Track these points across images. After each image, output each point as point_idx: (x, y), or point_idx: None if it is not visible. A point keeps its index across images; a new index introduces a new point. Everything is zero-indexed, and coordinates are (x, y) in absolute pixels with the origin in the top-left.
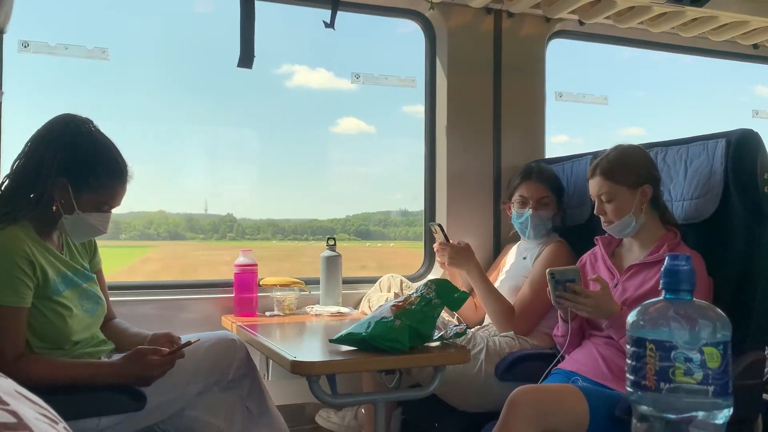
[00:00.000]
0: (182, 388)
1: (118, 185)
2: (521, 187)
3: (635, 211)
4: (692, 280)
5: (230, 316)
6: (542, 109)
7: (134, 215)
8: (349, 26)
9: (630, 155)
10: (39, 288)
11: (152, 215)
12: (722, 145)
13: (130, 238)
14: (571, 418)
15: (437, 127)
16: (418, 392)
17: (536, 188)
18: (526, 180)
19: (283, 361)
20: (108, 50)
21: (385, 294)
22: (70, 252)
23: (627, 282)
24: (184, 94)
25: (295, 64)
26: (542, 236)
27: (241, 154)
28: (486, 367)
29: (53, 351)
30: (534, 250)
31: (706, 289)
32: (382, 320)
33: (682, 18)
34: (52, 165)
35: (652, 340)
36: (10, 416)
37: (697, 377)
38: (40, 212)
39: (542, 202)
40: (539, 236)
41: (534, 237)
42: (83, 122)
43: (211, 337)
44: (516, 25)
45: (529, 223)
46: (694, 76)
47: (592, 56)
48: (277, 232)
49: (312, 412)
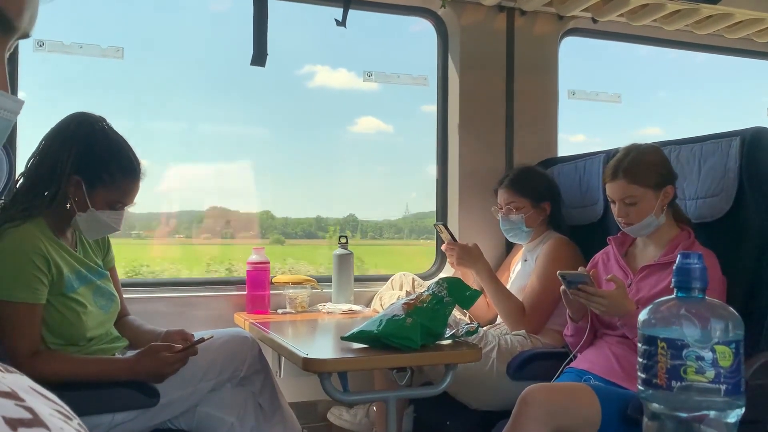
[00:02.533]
0: (195, 385)
1: (131, 183)
2: (497, 194)
3: (657, 211)
4: (704, 279)
5: (243, 313)
6: (555, 107)
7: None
8: (369, 26)
9: (650, 155)
10: (54, 285)
11: (259, 215)
12: (736, 144)
13: (294, 236)
14: (583, 417)
15: (449, 126)
16: (429, 390)
17: (504, 195)
18: (498, 187)
19: (295, 359)
20: (123, 49)
21: (397, 292)
22: (84, 249)
23: (641, 282)
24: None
25: (317, 64)
26: (525, 238)
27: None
28: (498, 365)
29: (68, 347)
30: (535, 251)
31: (720, 288)
32: (394, 318)
33: (697, 15)
34: (66, 163)
35: (663, 339)
36: (26, 412)
37: (709, 376)
38: (54, 210)
39: (510, 208)
40: (522, 238)
41: (518, 240)
42: (97, 120)
43: (223, 334)
44: (529, 22)
45: (503, 228)
46: (710, 75)
47: (606, 54)
48: (396, 232)
49: (324, 410)
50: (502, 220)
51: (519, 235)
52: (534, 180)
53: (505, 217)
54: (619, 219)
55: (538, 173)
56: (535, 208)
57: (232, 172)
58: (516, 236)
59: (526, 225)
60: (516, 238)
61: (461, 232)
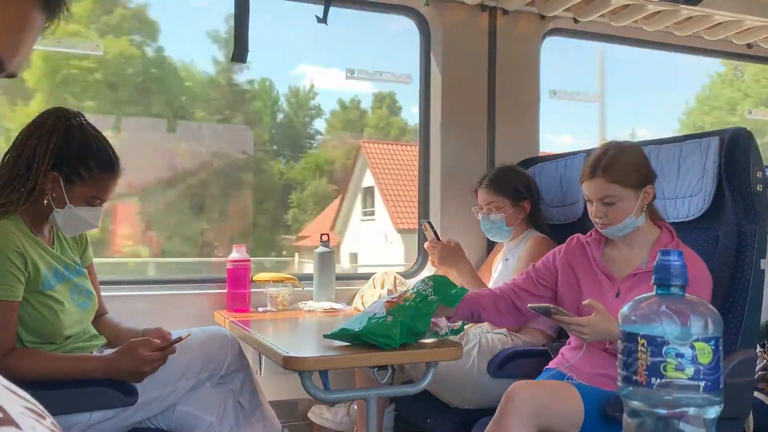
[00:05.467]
0: (174, 384)
1: (109, 178)
2: (477, 194)
3: (636, 212)
4: (684, 276)
5: (223, 311)
6: (536, 106)
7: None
8: (356, 26)
9: (630, 153)
10: (30, 282)
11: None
12: (715, 144)
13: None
14: (567, 415)
15: (431, 124)
16: (410, 388)
17: (483, 194)
18: (478, 187)
19: (275, 357)
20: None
21: (379, 290)
22: (61, 246)
23: (630, 292)
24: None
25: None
26: (506, 237)
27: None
28: (479, 363)
29: (45, 346)
30: (516, 250)
31: (709, 291)
32: (375, 316)
33: (677, 17)
34: (43, 158)
35: (643, 336)
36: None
37: (689, 372)
38: (31, 206)
39: (490, 208)
40: (502, 237)
41: (498, 239)
42: (74, 115)
43: (203, 332)
44: (511, 22)
45: (483, 227)
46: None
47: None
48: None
49: (304, 408)
50: (483, 220)
51: (499, 234)
52: (513, 179)
53: (486, 217)
54: (596, 219)
55: (517, 172)
56: (515, 207)
57: None
58: (496, 235)
59: (506, 224)
60: (496, 237)
61: (443, 231)
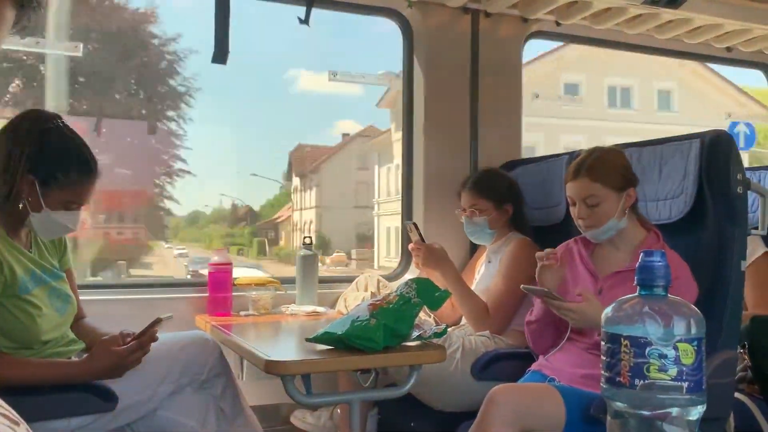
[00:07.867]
0: (154, 389)
1: (87, 182)
2: (461, 197)
3: (618, 214)
4: (667, 277)
5: (204, 315)
6: (519, 109)
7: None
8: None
9: (614, 156)
10: (7, 286)
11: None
12: (696, 146)
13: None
14: (549, 418)
15: (414, 126)
16: (393, 392)
17: (467, 197)
18: (461, 190)
19: (257, 361)
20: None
21: (362, 293)
22: (39, 250)
23: (611, 290)
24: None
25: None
26: (489, 239)
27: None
28: (462, 366)
29: (22, 351)
30: (498, 252)
31: (693, 295)
32: (358, 319)
33: (658, 20)
34: (19, 162)
35: (627, 336)
36: None
37: (672, 373)
38: (7, 210)
39: (473, 210)
40: (485, 240)
41: (482, 241)
42: (51, 117)
43: (184, 337)
44: (493, 25)
45: (467, 230)
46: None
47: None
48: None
49: (287, 413)
50: (466, 223)
51: (482, 237)
52: (496, 182)
53: (469, 220)
54: (579, 221)
55: (500, 175)
56: (498, 210)
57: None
58: (479, 238)
59: (489, 227)
60: (480, 240)
61: (427, 233)
